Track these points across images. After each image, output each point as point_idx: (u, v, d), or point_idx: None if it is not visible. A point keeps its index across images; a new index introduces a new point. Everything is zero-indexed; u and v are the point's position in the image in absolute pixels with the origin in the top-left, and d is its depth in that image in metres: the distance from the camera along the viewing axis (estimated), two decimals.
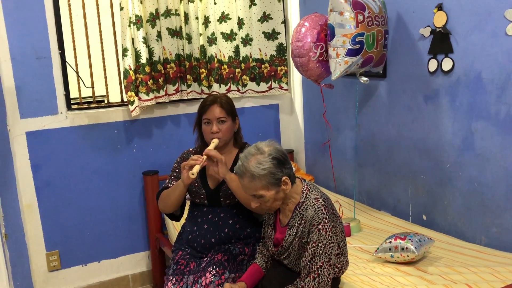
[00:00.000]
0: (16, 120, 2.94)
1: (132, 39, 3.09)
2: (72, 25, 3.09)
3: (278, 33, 3.56)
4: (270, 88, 3.63)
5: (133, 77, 3.11)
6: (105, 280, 3.31)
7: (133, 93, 3.10)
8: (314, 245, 1.83)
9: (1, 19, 2.82)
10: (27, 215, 3.03)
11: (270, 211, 2.01)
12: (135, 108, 3.12)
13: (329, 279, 1.85)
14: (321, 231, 1.83)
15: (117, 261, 3.34)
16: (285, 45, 3.59)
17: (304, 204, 1.91)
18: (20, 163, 2.98)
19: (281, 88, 3.65)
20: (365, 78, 2.68)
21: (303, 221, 1.89)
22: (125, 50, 3.08)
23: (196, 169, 2.10)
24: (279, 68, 3.61)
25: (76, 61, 3.14)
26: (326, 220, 1.84)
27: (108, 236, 3.29)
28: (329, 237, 1.84)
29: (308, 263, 1.84)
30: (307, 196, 1.92)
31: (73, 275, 3.22)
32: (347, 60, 2.51)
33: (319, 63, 2.68)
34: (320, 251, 1.82)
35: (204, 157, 2.15)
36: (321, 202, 1.88)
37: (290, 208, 1.95)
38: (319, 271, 1.82)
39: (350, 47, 2.49)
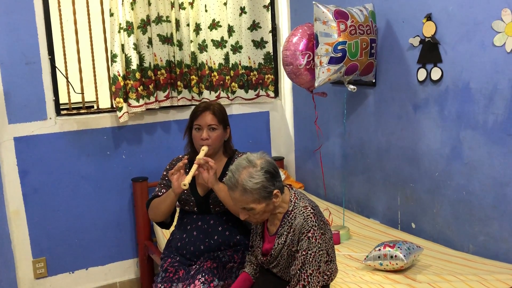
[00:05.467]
0: (4, 125, 2.92)
1: (122, 45, 3.09)
2: (62, 31, 3.07)
3: (266, 42, 3.58)
4: (258, 95, 3.65)
5: (122, 83, 3.10)
6: (93, 287, 3.27)
7: (121, 99, 3.09)
8: (304, 253, 1.83)
9: None
10: (14, 221, 2.99)
11: (258, 223, 2.01)
12: (123, 114, 3.10)
13: (318, 287, 1.85)
14: (311, 238, 1.83)
15: (105, 268, 3.31)
16: (272, 54, 3.61)
17: (292, 212, 1.91)
18: (7, 169, 2.95)
19: (268, 96, 3.67)
20: (353, 86, 2.71)
21: (292, 230, 1.89)
22: (114, 56, 3.07)
23: (188, 179, 2.09)
24: (266, 76, 3.63)
25: (66, 66, 3.12)
26: (316, 228, 1.84)
27: (96, 243, 3.26)
28: (319, 245, 1.84)
29: (298, 271, 1.84)
30: (295, 204, 1.92)
31: (60, 282, 3.18)
32: (329, 68, 2.55)
33: (307, 71, 2.72)
34: (310, 259, 1.83)
35: (195, 166, 2.15)
36: (310, 210, 1.88)
37: (278, 217, 1.94)
38: (309, 279, 1.82)
39: (333, 55, 2.53)
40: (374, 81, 2.85)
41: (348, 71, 2.62)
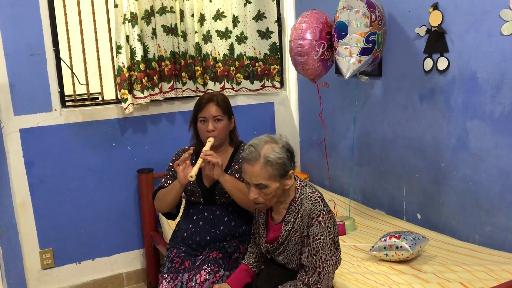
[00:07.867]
0: (10, 117, 2.92)
1: (127, 36, 3.08)
2: (66, 22, 3.07)
3: (272, 32, 3.56)
4: (263, 86, 3.63)
5: (127, 75, 3.09)
6: (99, 278, 3.30)
7: (126, 91, 3.09)
8: (317, 238, 1.83)
9: None
10: (20, 212, 3.01)
11: (263, 209, 1.98)
12: (128, 105, 3.10)
13: (332, 272, 1.85)
14: (322, 223, 1.84)
15: (111, 259, 3.33)
16: (277, 44, 3.59)
17: (299, 199, 1.91)
18: (13, 160, 2.96)
19: (273, 86, 3.65)
20: (366, 77, 2.67)
21: (299, 215, 1.89)
22: (119, 47, 3.06)
23: (195, 171, 2.09)
24: (272, 66, 3.61)
25: (70, 58, 3.12)
26: (325, 212, 1.86)
27: (102, 234, 3.27)
28: (329, 229, 1.85)
29: (312, 258, 1.84)
30: (302, 191, 1.93)
31: (67, 273, 3.20)
32: (360, 58, 2.50)
33: (320, 62, 2.65)
34: (323, 244, 1.83)
35: (201, 159, 2.15)
36: (317, 194, 1.90)
37: (284, 206, 1.95)
38: (324, 264, 1.83)
39: (364, 46, 2.49)
40: (370, 71, 2.82)
41: (372, 61, 2.59)
